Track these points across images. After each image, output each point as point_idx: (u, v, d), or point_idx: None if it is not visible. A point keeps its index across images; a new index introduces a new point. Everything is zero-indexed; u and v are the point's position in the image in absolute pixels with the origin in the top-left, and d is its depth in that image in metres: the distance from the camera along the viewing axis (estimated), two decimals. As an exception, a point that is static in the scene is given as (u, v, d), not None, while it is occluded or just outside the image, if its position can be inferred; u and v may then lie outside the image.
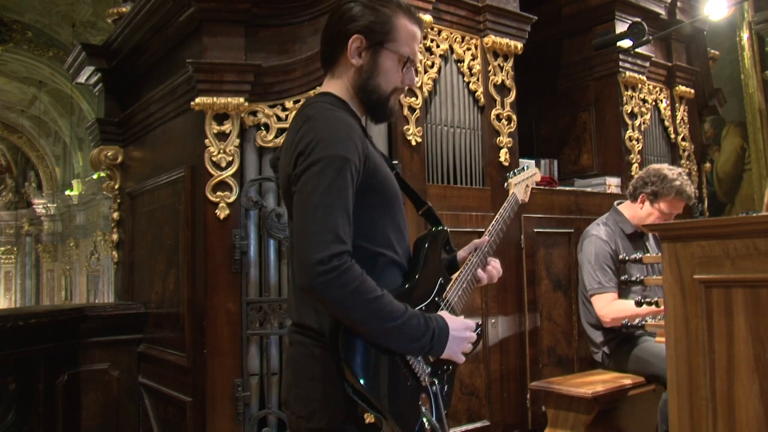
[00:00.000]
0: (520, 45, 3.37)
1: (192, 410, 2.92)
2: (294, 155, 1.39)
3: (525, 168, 2.06)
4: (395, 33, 1.52)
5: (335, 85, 1.54)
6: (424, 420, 1.41)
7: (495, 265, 1.76)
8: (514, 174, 2.03)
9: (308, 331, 1.45)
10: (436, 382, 1.49)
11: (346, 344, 1.34)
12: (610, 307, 2.98)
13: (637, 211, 3.16)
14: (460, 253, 1.74)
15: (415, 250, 1.59)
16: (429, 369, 1.47)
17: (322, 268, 1.27)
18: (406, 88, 1.59)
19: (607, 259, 3.05)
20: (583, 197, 3.67)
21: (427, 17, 3.02)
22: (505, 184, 2.04)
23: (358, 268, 1.32)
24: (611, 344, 3.07)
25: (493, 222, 1.85)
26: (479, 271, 1.71)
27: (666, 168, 3.13)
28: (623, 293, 3.07)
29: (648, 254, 3.13)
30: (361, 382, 1.32)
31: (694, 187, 4.36)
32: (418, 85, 2.99)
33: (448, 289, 1.60)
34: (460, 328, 1.48)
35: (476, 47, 3.27)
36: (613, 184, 3.85)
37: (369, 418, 1.33)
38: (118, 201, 4.03)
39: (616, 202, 3.28)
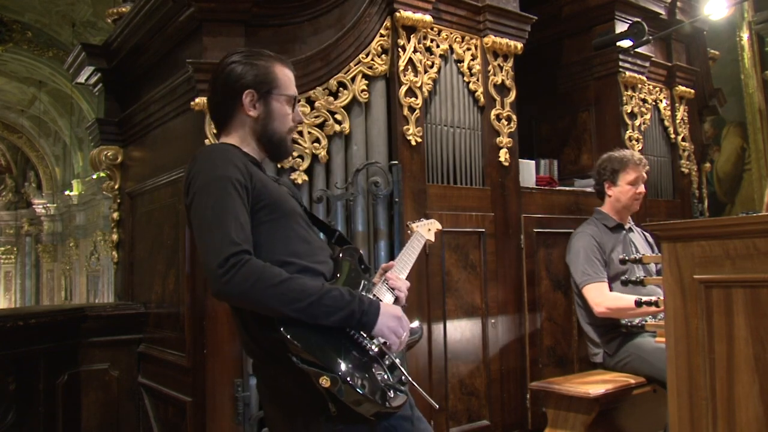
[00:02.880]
0: (520, 45, 3.37)
1: (192, 410, 2.92)
2: (184, 191, 1.54)
3: (424, 219, 2.32)
4: (277, 80, 1.69)
5: (228, 138, 1.68)
6: (387, 389, 1.45)
7: (402, 288, 1.78)
8: (415, 221, 2.28)
9: (256, 366, 1.58)
10: (388, 357, 1.53)
11: (288, 329, 1.41)
12: (604, 296, 2.99)
13: (611, 201, 3.27)
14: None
15: (335, 264, 1.69)
16: (374, 343, 1.51)
17: (221, 270, 1.37)
18: (298, 126, 1.80)
19: (594, 252, 3.08)
20: (583, 197, 3.67)
21: (427, 17, 3.03)
22: (408, 231, 2.25)
23: (258, 261, 1.41)
24: (612, 344, 3.07)
25: (398, 256, 1.95)
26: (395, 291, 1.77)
27: (608, 153, 3.35)
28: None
29: (633, 250, 3.17)
30: (308, 348, 1.39)
31: (695, 187, 4.40)
32: (418, 85, 2.99)
33: (373, 290, 1.69)
34: (391, 310, 1.55)
35: (476, 47, 3.27)
36: (613, 184, 3.85)
37: (325, 382, 1.36)
38: (118, 201, 4.03)
39: (596, 207, 3.35)
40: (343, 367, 1.40)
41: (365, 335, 1.51)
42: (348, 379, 1.38)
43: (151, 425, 3.44)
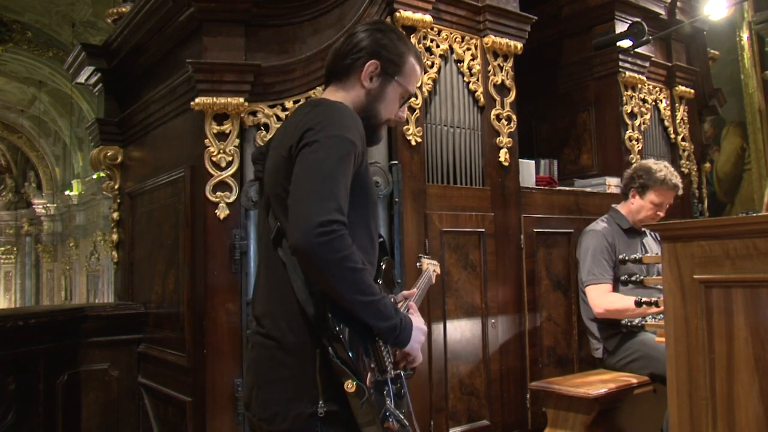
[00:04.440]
0: (520, 45, 3.37)
1: (192, 410, 2.92)
2: (301, 130, 1.46)
3: (430, 258, 2.28)
4: (405, 69, 1.66)
5: (342, 97, 1.62)
6: (387, 414, 1.44)
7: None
8: (425, 257, 2.25)
9: (270, 336, 1.51)
10: (400, 382, 1.54)
11: (336, 319, 1.40)
12: (604, 298, 3.04)
13: (631, 207, 3.28)
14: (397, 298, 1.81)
15: (377, 270, 1.67)
16: (393, 365, 1.52)
17: (322, 230, 1.33)
18: (396, 122, 1.73)
19: (603, 252, 3.10)
20: (583, 197, 3.67)
21: (427, 17, 3.02)
22: (418, 264, 2.23)
23: (350, 239, 1.38)
24: (612, 340, 3.09)
25: (417, 286, 1.95)
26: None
27: (651, 162, 3.29)
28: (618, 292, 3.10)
29: (648, 254, 3.17)
30: (346, 346, 1.38)
31: (694, 186, 4.40)
32: (418, 85, 2.99)
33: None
34: (420, 324, 1.59)
35: (476, 47, 3.27)
36: (613, 184, 3.85)
37: (350, 387, 1.35)
38: (118, 201, 4.03)
39: (613, 204, 3.35)
40: (368, 380, 1.40)
41: (390, 355, 1.51)
42: (371, 396, 1.38)
43: (151, 425, 3.44)
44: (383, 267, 1.67)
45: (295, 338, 1.46)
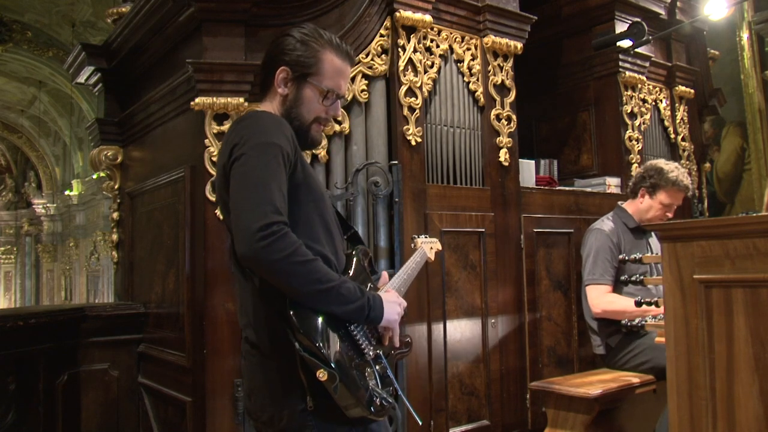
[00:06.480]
0: (520, 45, 3.37)
1: (192, 410, 2.92)
2: (229, 147, 1.51)
3: (428, 236, 2.33)
4: (320, 67, 1.65)
5: (263, 106, 1.67)
6: (374, 395, 1.46)
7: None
8: (420, 236, 2.29)
9: (253, 344, 1.57)
10: (383, 361, 1.56)
11: (298, 315, 1.42)
12: (602, 298, 3.08)
13: (639, 206, 3.28)
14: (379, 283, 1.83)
15: (347, 259, 1.69)
16: (373, 346, 1.54)
17: (261, 234, 1.37)
18: (330, 118, 1.71)
19: (606, 252, 3.11)
20: (583, 197, 3.67)
21: (427, 17, 3.03)
22: (413, 244, 2.24)
23: (294, 236, 1.41)
24: (614, 338, 3.11)
25: (404, 266, 1.96)
26: None
27: (662, 162, 3.28)
28: (620, 292, 3.11)
29: (648, 254, 3.17)
30: (312, 338, 1.40)
31: (694, 186, 4.40)
32: (418, 85, 2.99)
33: None
34: (391, 296, 1.61)
35: (476, 47, 3.27)
36: (613, 184, 3.86)
37: (322, 375, 1.37)
38: (118, 201, 4.03)
39: (619, 202, 3.35)
40: (341, 365, 1.41)
41: (365, 337, 1.52)
42: (344, 379, 1.40)
43: (151, 425, 3.44)
44: (354, 256, 1.69)
45: (271, 343, 1.51)
